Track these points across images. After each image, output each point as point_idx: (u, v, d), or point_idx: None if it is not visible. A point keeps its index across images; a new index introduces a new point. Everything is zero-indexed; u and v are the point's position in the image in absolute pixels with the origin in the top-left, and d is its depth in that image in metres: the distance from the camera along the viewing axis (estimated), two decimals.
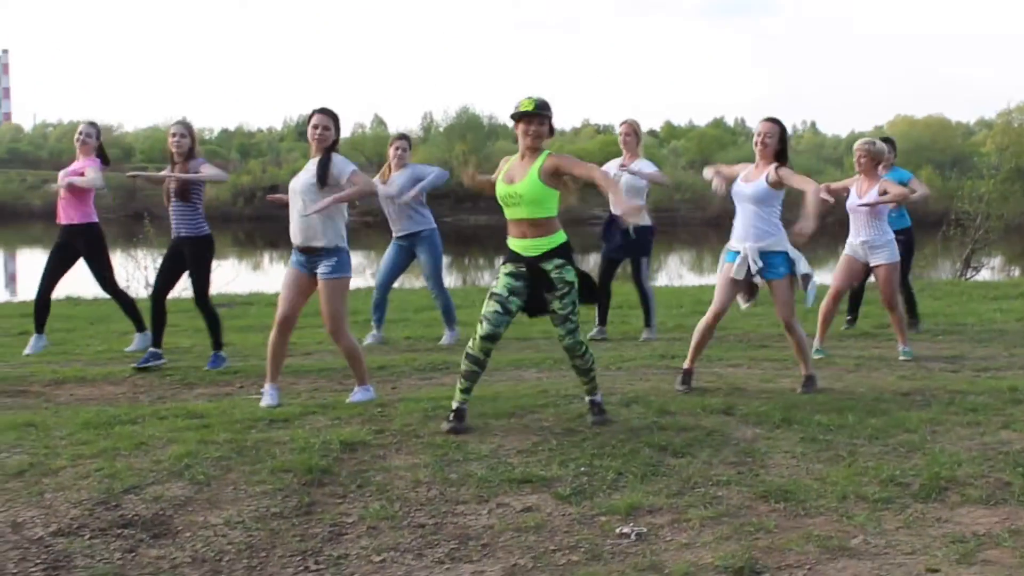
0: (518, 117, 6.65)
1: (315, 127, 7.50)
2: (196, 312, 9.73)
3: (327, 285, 7.48)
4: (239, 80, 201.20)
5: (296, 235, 7.50)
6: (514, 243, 6.75)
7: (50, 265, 10.48)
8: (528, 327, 11.94)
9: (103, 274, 10.44)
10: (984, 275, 21.88)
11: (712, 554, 4.74)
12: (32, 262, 39.33)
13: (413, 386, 8.32)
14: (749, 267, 7.79)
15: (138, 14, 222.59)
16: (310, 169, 7.52)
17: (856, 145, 9.79)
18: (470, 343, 6.72)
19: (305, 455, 6.00)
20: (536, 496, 5.50)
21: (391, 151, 10.90)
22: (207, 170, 9.48)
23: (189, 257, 9.45)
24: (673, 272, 30.71)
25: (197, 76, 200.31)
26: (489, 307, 6.68)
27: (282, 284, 7.66)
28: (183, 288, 11.80)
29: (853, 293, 11.52)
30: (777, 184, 7.81)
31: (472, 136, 66.88)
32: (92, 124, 10.55)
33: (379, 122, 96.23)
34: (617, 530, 5.06)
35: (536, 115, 6.61)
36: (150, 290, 18.46)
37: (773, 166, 7.85)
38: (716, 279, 8.08)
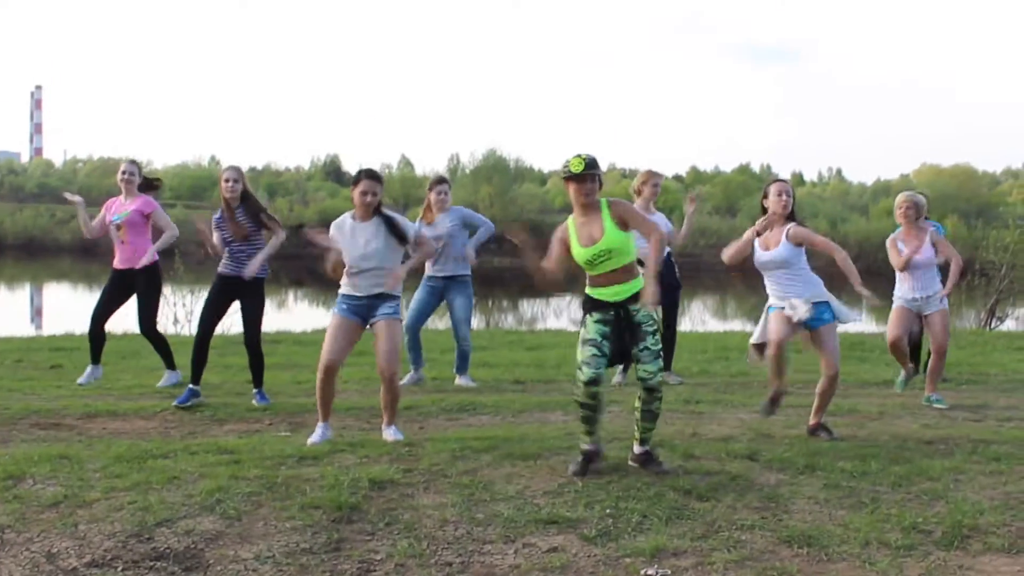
0: (569, 177, 6.75)
1: (364, 194, 7.66)
2: (229, 350, 9.83)
3: (390, 324, 7.71)
4: (267, 119, 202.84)
5: (364, 288, 7.68)
6: (599, 292, 6.81)
7: (105, 302, 10.67)
8: (554, 370, 12.06)
9: (150, 312, 10.58)
10: (1009, 325, 21.86)
11: None
12: (58, 297, 39.62)
13: (440, 426, 8.39)
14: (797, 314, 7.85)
15: (168, 53, 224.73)
16: (374, 235, 7.70)
17: (901, 199, 9.96)
18: (576, 391, 6.78)
19: (334, 492, 6.08)
20: (562, 537, 5.56)
21: (432, 195, 10.94)
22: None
23: (251, 297, 9.59)
24: (697, 318, 30.67)
25: (226, 114, 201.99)
26: (586, 352, 6.71)
27: (331, 331, 7.72)
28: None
29: (915, 343, 11.56)
30: (799, 244, 7.93)
31: (498, 178, 67.20)
32: (133, 162, 10.71)
33: (406, 163, 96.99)
34: (642, 572, 5.10)
35: (587, 175, 6.71)
36: (182, 326, 18.77)
37: (788, 227, 7.97)
38: (770, 323, 8.05)
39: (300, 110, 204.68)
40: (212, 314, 9.67)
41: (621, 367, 11.13)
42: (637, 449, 6.89)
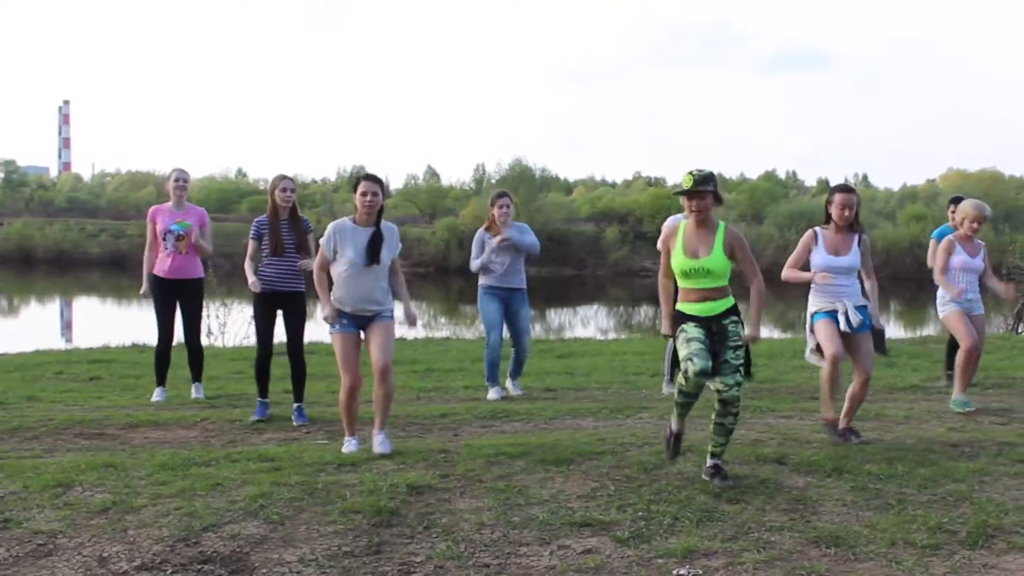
0: (680, 192, 6.93)
1: (364, 194, 7.68)
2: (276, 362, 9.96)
3: (387, 326, 7.79)
4: (293, 131, 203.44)
5: (356, 302, 7.72)
6: (691, 307, 6.93)
7: (165, 318, 10.71)
8: (584, 378, 12.19)
9: (197, 324, 10.78)
10: None
11: None
12: (88, 310, 39.91)
13: (474, 433, 8.54)
14: (850, 322, 7.98)
15: (195, 66, 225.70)
16: (367, 238, 7.73)
17: (972, 211, 9.98)
18: (682, 381, 6.83)
19: (373, 497, 6.27)
20: (596, 539, 5.71)
21: (495, 211, 11.01)
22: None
23: (290, 310, 9.65)
24: None
25: (252, 127, 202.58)
26: (693, 347, 6.75)
27: (342, 352, 7.77)
28: (244, 337, 12.10)
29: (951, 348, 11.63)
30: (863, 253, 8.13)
31: (524, 188, 67.17)
32: (183, 170, 10.73)
33: (432, 174, 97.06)
34: (674, 572, 5.24)
35: (696, 192, 6.85)
36: (215, 338, 18.98)
37: (857, 237, 8.14)
38: (819, 334, 8.12)
39: (326, 122, 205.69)
40: (265, 332, 9.74)
41: (668, 377, 11.24)
42: (709, 462, 6.94)
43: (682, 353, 6.84)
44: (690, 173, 6.88)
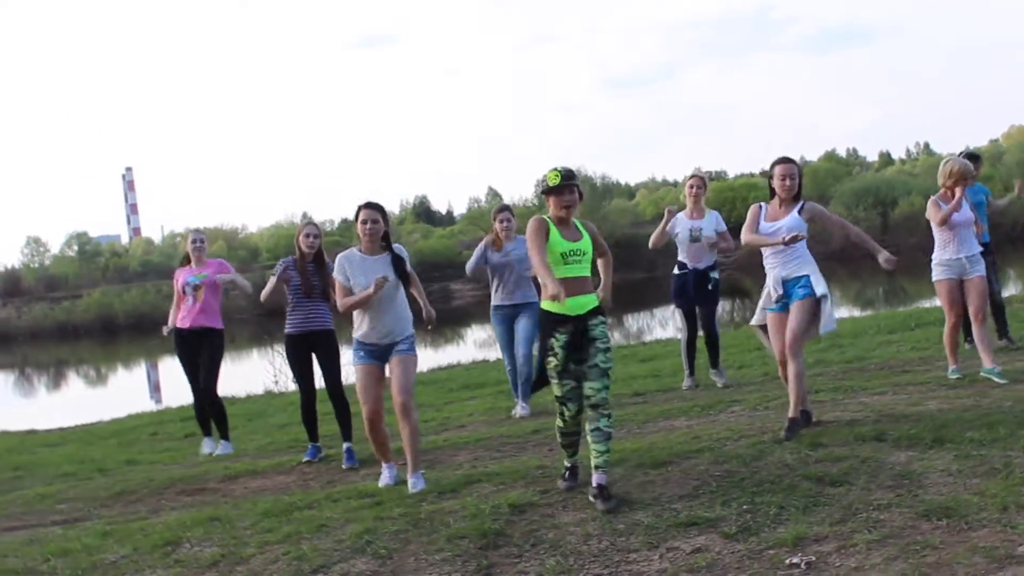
0: (547, 191, 6.75)
1: (364, 222, 7.70)
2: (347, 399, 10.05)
3: (404, 361, 7.74)
4: (354, 169, 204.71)
5: (378, 334, 7.73)
6: (566, 302, 6.63)
7: (193, 372, 11.04)
8: (671, 379, 12.15)
9: (215, 376, 10.96)
10: None
11: (883, 575, 4.89)
12: (173, 369, 40.42)
13: None
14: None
15: (252, 116, 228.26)
16: (384, 268, 7.72)
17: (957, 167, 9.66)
18: (560, 423, 6.91)
19: (478, 521, 6.28)
20: (704, 537, 5.69)
21: (496, 224, 11.06)
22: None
23: (324, 350, 9.70)
24: None
25: (313, 170, 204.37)
26: (565, 387, 6.74)
27: (360, 383, 7.77)
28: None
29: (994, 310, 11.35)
30: (810, 219, 8.01)
31: (587, 197, 67.12)
32: (199, 230, 11.24)
33: (494, 195, 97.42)
34: (787, 561, 5.21)
35: (565, 187, 6.72)
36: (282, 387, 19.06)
37: (799, 206, 8.05)
38: (769, 330, 8.17)
39: (386, 156, 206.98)
40: (305, 375, 9.84)
41: (688, 371, 11.21)
42: (594, 479, 6.61)
43: (555, 390, 6.81)
44: (555, 170, 6.76)
